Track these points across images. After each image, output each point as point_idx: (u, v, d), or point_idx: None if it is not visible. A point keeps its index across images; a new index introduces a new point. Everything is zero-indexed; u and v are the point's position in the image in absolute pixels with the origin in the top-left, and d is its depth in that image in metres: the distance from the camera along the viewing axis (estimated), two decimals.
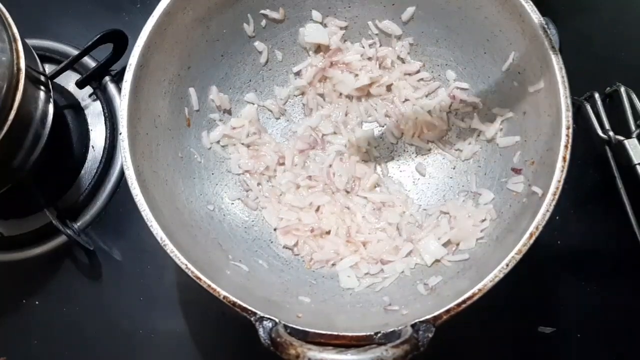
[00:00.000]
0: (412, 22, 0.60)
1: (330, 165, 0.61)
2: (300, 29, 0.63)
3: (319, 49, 0.63)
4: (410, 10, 0.60)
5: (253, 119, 0.63)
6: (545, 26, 0.49)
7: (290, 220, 0.59)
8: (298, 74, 0.64)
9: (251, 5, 0.59)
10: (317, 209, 0.60)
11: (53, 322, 0.63)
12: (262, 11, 0.60)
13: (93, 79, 0.68)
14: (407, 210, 0.59)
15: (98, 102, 0.69)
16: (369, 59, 0.63)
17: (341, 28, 0.63)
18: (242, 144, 0.62)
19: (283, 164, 0.62)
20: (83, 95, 0.70)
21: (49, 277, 0.64)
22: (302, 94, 0.65)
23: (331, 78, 0.63)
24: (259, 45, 0.62)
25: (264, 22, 0.61)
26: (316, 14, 0.62)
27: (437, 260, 0.55)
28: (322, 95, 0.64)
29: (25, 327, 0.63)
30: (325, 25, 0.62)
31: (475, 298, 0.44)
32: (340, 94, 0.63)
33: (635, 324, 0.59)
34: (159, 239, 0.47)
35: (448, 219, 0.57)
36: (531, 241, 0.45)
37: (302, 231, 0.59)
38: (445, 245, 0.55)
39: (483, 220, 0.54)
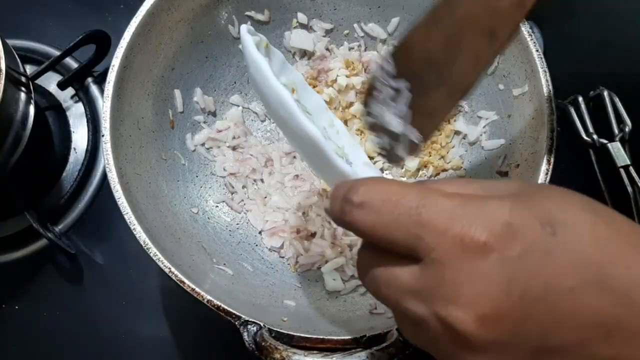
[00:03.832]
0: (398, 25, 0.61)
1: None
2: (285, 32, 0.62)
3: (304, 53, 0.63)
4: (394, 21, 0.60)
5: (238, 122, 0.62)
6: (530, 30, 0.49)
7: (277, 221, 0.59)
8: None
9: (236, 7, 0.59)
10: (304, 213, 0.60)
11: (33, 327, 0.61)
12: (247, 13, 0.60)
13: (75, 80, 0.67)
14: None
15: (80, 104, 0.68)
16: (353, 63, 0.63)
17: (327, 31, 0.63)
18: (228, 146, 0.62)
19: (270, 166, 0.62)
20: (65, 96, 0.69)
21: (29, 281, 0.63)
22: None
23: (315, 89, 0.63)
24: None
25: (249, 24, 0.60)
26: (302, 16, 0.61)
27: None
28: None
29: (5, 332, 0.62)
30: (310, 28, 0.62)
31: None
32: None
33: None
34: (142, 242, 0.46)
35: None
36: None
37: (289, 232, 0.58)
38: None
39: None
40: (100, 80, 0.69)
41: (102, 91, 0.67)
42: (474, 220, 0.26)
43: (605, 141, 0.59)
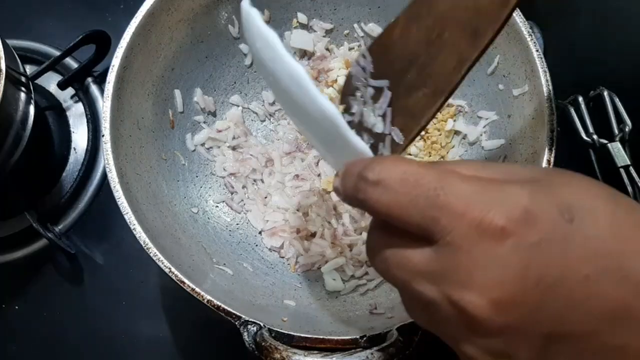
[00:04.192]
0: None
1: (317, 165, 0.61)
2: (285, 32, 0.62)
3: (304, 53, 0.63)
4: None
5: (238, 121, 0.62)
6: (530, 30, 0.49)
7: (277, 221, 0.59)
8: None
9: (236, 7, 0.59)
10: (304, 213, 0.60)
11: (33, 328, 0.61)
12: None
13: (75, 80, 0.67)
14: None
15: (80, 104, 0.68)
16: None
17: (327, 31, 0.63)
18: (228, 146, 0.62)
19: (270, 166, 0.62)
20: (65, 96, 0.69)
21: (29, 281, 0.63)
22: None
23: None
24: (244, 47, 0.62)
25: None
26: (302, 16, 0.61)
27: None
28: None
29: (5, 332, 0.62)
30: (310, 28, 0.62)
31: None
32: None
33: None
34: (142, 242, 0.46)
35: None
36: None
37: (289, 232, 0.58)
38: None
39: None
40: (100, 80, 0.69)
41: (102, 91, 0.67)
42: (493, 205, 0.26)
43: (605, 141, 0.59)
